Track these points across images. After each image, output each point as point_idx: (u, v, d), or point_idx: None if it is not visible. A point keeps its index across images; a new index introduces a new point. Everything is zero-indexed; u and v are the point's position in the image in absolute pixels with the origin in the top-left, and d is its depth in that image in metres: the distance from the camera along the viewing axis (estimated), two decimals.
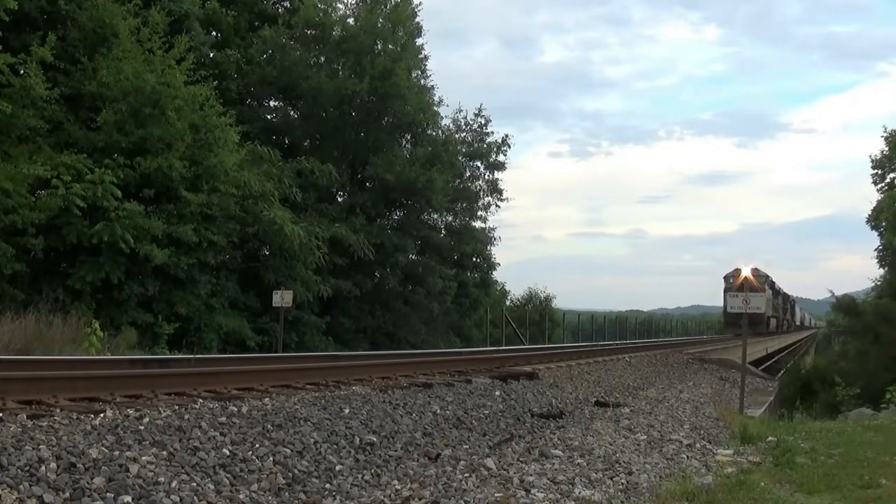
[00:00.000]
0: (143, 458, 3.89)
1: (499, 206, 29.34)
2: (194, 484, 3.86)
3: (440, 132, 27.60)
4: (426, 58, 27.30)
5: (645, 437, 7.39)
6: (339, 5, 25.39)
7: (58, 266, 15.19)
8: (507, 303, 36.70)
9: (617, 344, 23.75)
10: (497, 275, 33.70)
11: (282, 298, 15.18)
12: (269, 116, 25.09)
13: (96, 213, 14.31)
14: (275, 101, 25.31)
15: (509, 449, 6.25)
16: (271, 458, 4.55)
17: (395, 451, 5.55)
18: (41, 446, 3.67)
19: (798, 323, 77.78)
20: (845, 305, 34.22)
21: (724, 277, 40.74)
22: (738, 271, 37.15)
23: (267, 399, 5.70)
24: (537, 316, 36.77)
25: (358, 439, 5.42)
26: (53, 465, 3.54)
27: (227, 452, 4.38)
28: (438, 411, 6.85)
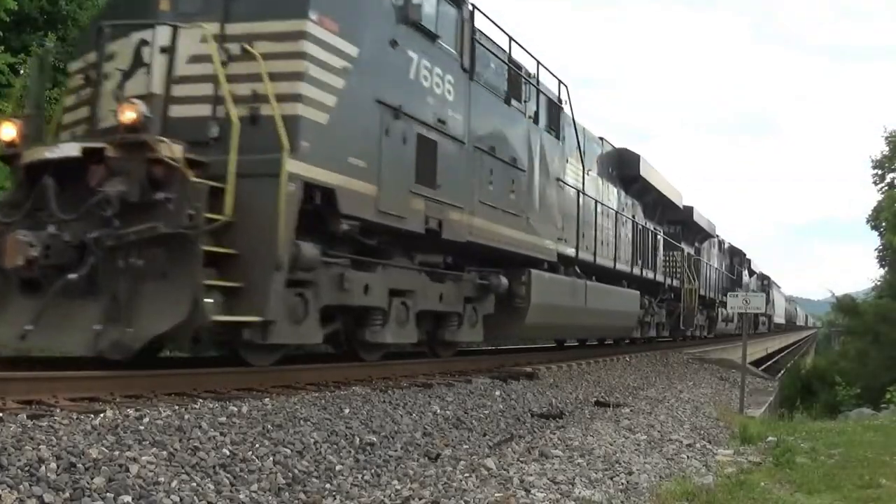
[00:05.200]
0: (143, 458, 3.89)
1: None
2: (194, 484, 3.86)
3: None
4: None
5: (645, 437, 7.39)
6: None
7: None
8: None
9: (620, 344, 23.57)
10: None
11: None
12: None
13: None
14: None
15: (509, 449, 6.25)
16: (271, 458, 4.55)
17: (395, 451, 5.55)
18: (41, 446, 3.67)
19: (785, 320, 55.37)
20: (845, 305, 34.25)
21: None
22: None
23: (267, 399, 5.70)
24: None
25: (358, 439, 5.42)
26: (53, 465, 3.54)
27: (227, 452, 4.38)
28: (438, 411, 6.85)
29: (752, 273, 39.21)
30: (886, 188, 33.02)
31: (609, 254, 14.41)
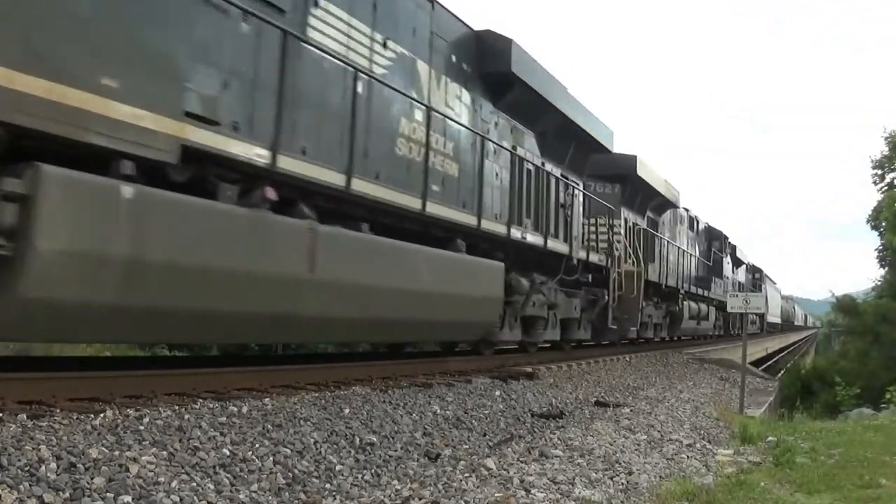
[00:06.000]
0: (143, 458, 3.89)
1: None
2: (194, 484, 3.86)
3: None
4: None
5: (645, 437, 7.40)
6: None
7: None
8: None
9: (618, 344, 23.59)
10: None
11: None
12: None
13: None
14: None
15: (509, 449, 6.26)
16: (271, 458, 4.55)
17: (395, 451, 5.55)
18: (41, 446, 3.68)
19: (781, 319, 50.82)
20: (845, 305, 34.28)
21: None
22: None
23: (267, 399, 5.71)
24: None
25: (358, 439, 5.42)
26: (53, 465, 3.54)
27: (227, 452, 4.38)
28: (438, 411, 6.85)
29: (737, 262, 32.34)
30: (886, 188, 33.01)
31: (415, 185, 7.91)
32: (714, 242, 27.18)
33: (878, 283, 36.21)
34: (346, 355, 11.59)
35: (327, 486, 4.55)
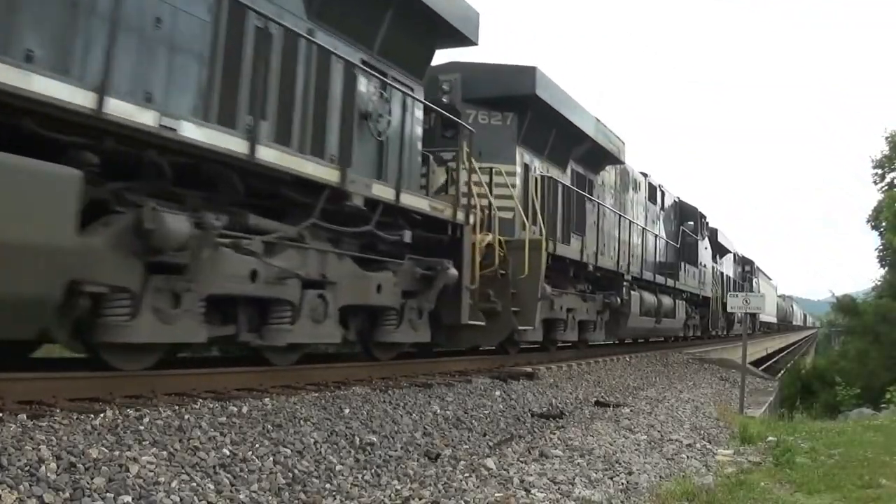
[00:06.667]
0: (143, 458, 3.89)
1: None
2: (194, 484, 3.86)
3: None
4: None
5: (645, 437, 7.40)
6: None
7: None
8: None
9: (617, 343, 23.55)
10: None
11: None
12: None
13: None
14: None
15: (509, 449, 6.26)
16: (271, 458, 4.55)
17: (395, 451, 5.55)
18: (41, 446, 3.67)
19: (777, 319, 48.63)
20: (845, 305, 34.34)
21: None
22: None
23: (267, 399, 5.70)
24: None
25: (358, 439, 5.42)
26: (53, 465, 3.54)
27: (228, 452, 4.38)
28: (438, 411, 6.85)
29: (720, 249, 27.31)
30: (886, 188, 33.04)
31: None
32: (686, 222, 21.64)
33: (878, 283, 36.28)
34: (346, 355, 11.59)
35: (327, 486, 4.55)
